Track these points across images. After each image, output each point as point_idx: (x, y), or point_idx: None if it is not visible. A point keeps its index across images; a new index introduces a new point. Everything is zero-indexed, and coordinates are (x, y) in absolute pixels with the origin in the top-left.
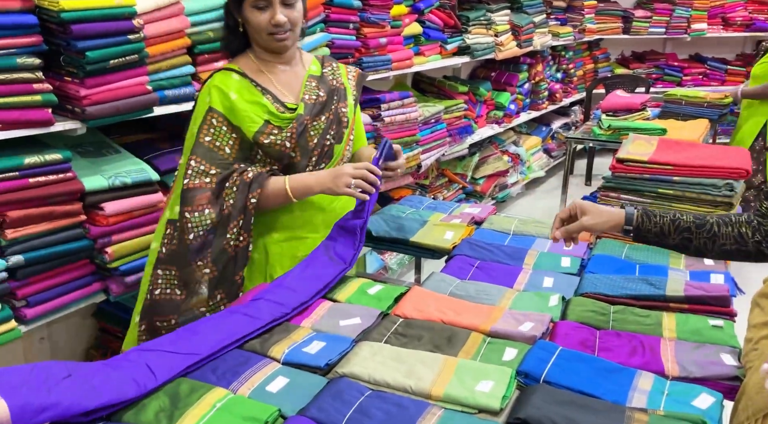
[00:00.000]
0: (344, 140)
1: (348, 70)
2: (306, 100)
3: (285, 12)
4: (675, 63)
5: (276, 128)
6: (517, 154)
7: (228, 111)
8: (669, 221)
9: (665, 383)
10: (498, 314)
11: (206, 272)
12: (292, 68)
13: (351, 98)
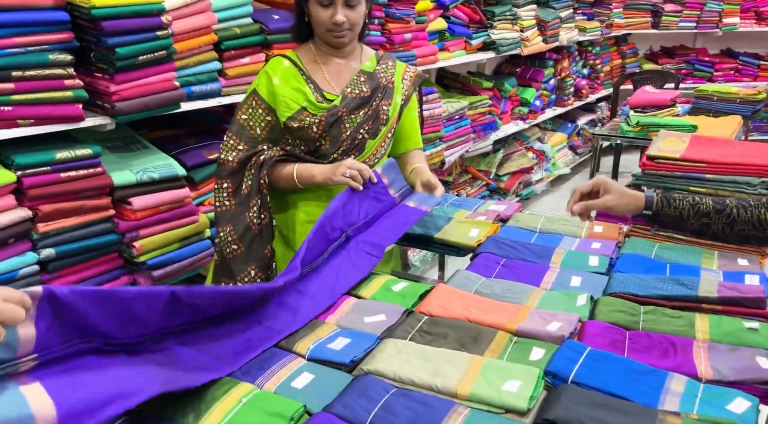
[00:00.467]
0: (380, 136)
1: (406, 70)
2: (347, 94)
3: (346, 12)
4: (705, 58)
5: (310, 115)
6: (542, 151)
7: (269, 94)
8: (688, 205)
9: (698, 386)
10: (525, 313)
11: (234, 248)
12: (348, 62)
13: (398, 97)
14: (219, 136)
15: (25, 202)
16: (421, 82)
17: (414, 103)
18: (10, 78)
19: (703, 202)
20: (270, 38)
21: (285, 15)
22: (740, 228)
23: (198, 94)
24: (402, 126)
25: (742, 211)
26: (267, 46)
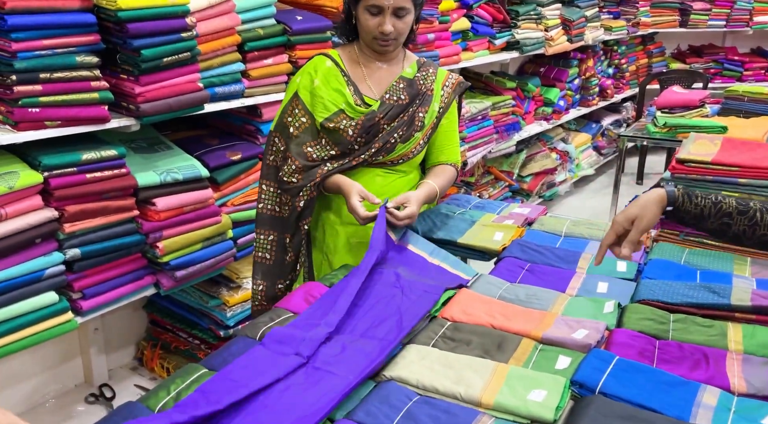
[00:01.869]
0: (411, 141)
1: (448, 77)
2: (386, 99)
3: (394, 22)
4: (735, 57)
5: (347, 118)
6: (565, 152)
7: (308, 96)
8: (710, 203)
9: (732, 400)
10: (550, 320)
11: (265, 256)
12: (389, 67)
13: (436, 105)
14: (242, 137)
15: (52, 202)
16: (464, 90)
17: (453, 113)
18: (38, 80)
19: (726, 202)
20: (293, 39)
21: (308, 16)
22: (762, 232)
23: (221, 96)
24: (437, 137)
25: (766, 214)
26: (290, 47)
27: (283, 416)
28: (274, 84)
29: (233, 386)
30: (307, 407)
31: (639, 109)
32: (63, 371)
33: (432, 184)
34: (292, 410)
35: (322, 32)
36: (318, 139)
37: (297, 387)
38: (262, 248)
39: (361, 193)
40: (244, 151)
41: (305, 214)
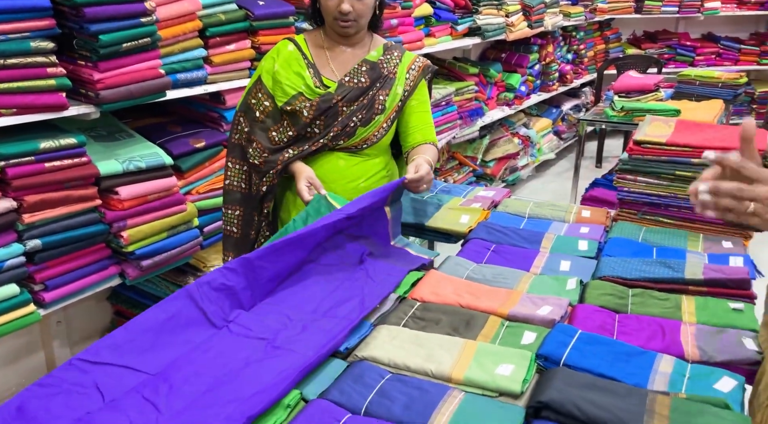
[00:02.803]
0: (373, 125)
1: (415, 61)
2: (344, 82)
3: (353, 2)
4: (688, 43)
5: (304, 100)
6: (527, 137)
7: (270, 80)
8: None
9: (686, 367)
10: (516, 298)
11: (233, 230)
12: (354, 51)
13: (399, 88)
14: (205, 124)
15: (10, 192)
16: (431, 73)
17: (423, 94)
18: None
19: None
20: (256, 24)
21: (270, 1)
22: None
23: (183, 82)
24: (409, 119)
25: None
26: (253, 33)
27: (244, 389)
28: (237, 70)
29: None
30: (267, 381)
31: (597, 94)
32: (25, 366)
33: (426, 158)
34: (253, 384)
35: (284, 17)
36: (281, 122)
37: (257, 364)
38: (229, 223)
39: (309, 179)
40: (208, 138)
41: (267, 197)
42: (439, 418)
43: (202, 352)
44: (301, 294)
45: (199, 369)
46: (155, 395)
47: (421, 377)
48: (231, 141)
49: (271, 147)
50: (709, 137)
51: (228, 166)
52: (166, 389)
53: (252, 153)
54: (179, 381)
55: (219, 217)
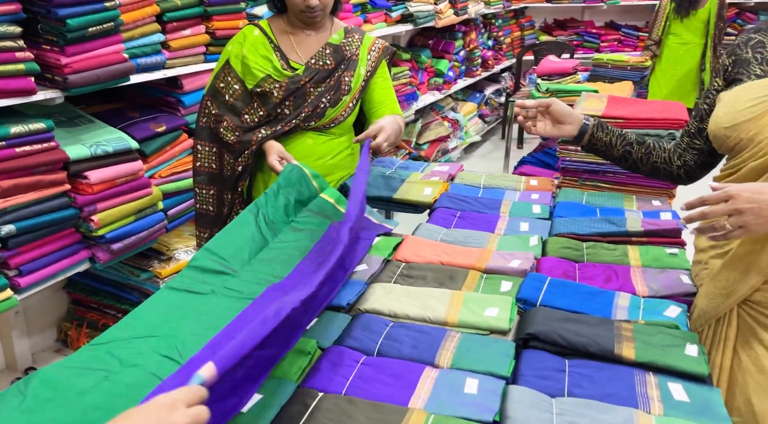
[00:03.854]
0: (341, 105)
1: (374, 43)
2: (311, 64)
3: None
4: (593, 30)
5: (273, 81)
6: (456, 120)
7: (239, 64)
8: (618, 134)
9: (639, 301)
10: (488, 255)
11: (209, 209)
12: (317, 35)
13: (362, 69)
14: (161, 109)
15: None
16: (390, 54)
17: (384, 73)
18: None
19: (629, 134)
20: (210, 10)
21: None
22: (654, 160)
23: (143, 67)
24: (372, 95)
25: (658, 148)
26: (207, 18)
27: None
28: (193, 55)
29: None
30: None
31: (517, 79)
32: None
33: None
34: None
35: (236, 3)
36: (252, 103)
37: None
38: (204, 202)
39: (280, 153)
40: (168, 122)
41: (242, 176)
42: (444, 353)
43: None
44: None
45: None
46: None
47: (420, 323)
48: (199, 124)
49: (242, 126)
50: (638, 110)
51: (197, 149)
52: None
53: (224, 132)
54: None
55: (182, 200)
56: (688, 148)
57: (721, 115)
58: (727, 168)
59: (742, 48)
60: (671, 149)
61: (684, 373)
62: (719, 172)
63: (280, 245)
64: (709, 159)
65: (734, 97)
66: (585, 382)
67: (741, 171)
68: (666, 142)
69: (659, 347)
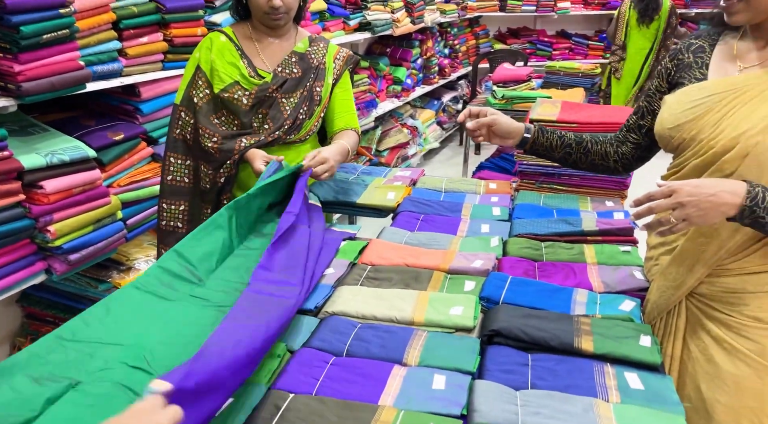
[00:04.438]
0: (314, 116)
1: (339, 51)
2: (278, 73)
3: None
4: (545, 38)
5: (241, 89)
6: (414, 127)
7: (208, 69)
8: (557, 137)
9: (596, 296)
10: (451, 256)
11: (177, 225)
12: (281, 42)
13: (329, 78)
14: (119, 117)
15: None
16: (354, 63)
17: (346, 83)
18: None
19: (567, 136)
20: (167, 17)
21: None
22: (592, 158)
23: (100, 74)
24: (333, 105)
25: (594, 145)
26: (164, 26)
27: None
28: (150, 62)
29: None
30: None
31: (473, 86)
32: None
33: (342, 143)
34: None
35: (194, 11)
36: (222, 110)
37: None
38: (173, 218)
39: (265, 158)
40: (126, 130)
41: (225, 188)
42: (412, 352)
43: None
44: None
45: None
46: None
47: (387, 323)
48: (171, 136)
49: (221, 132)
50: (590, 115)
51: (170, 162)
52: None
53: (204, 141)
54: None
55: (142, 209)
56: (626, 140)
57: (666, 116)
58: (672, 167)
59: (683, 53)
60: (608, 142)
61: (639, 362)
62: (666, 171)
63: (245, 252)
64: (645, 153)
65: (677, 99)
66: (547, 374)
67: (685, 169)
68: (601, 137)
69: (615, 339)
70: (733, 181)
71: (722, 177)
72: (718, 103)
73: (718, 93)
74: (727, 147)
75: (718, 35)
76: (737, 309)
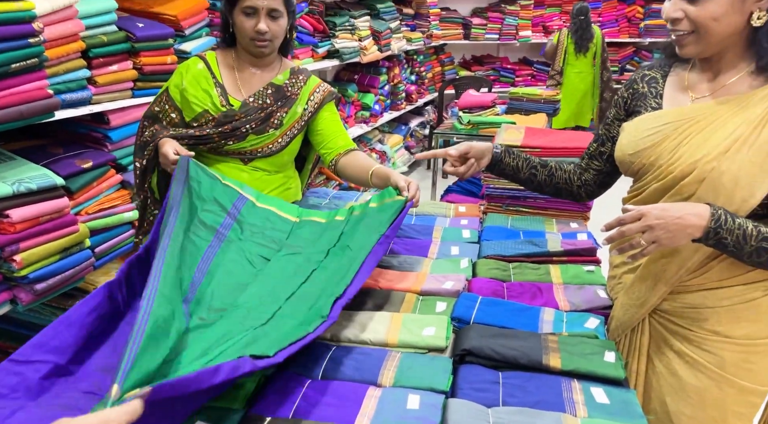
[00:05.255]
0: (266, 136)
1: (319, 85)
2: (249, 102)
3: (268, 23)
4: (508, 66)
5: (209, 116)
6: (383, 152)
7: (178, 94)
8: (523, 159)
9: (562, 315)
10: (423, 278)
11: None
12: (262, 73)
13: (299, 107)
14: (88, 145)
15: None
16: (334, 99)
17: (334, 111)
18: None
19: (533, 159)
20: (137, 46)
21: (149, 23)
22: (556, 181)
23: (69, 103)
24: (325, 128)
25: (559, 170)
26: (134, 54)
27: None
28: (120, 90)
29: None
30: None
31: (440, 111)
32: None
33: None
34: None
35: (164, 39)
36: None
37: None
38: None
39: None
40: (95, 158)
41: (148, 170)
42: (386, 373)
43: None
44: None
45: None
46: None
47: (361, 346)
48: (137, 143)
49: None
50: (553, 140)
51: (136, 166)
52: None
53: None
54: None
55: (110, 236)
56: (589, 168)
57: (625, 143)
58: (633, 190)
59: (638, 83)
60: (572, 170)
61: (604, 378)
62: (627, 194)
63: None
64: (607, 179)
65: (635, 127)
66: (517, 391)
67: (645, 192)
68: (566, 164)
69: (582, 356)
70: (697, 205)
71: (681, 199)
72: (674, 131)
73: (674, 121)
74: (686, 172)
75: (669, 67)
76: (697, 324)
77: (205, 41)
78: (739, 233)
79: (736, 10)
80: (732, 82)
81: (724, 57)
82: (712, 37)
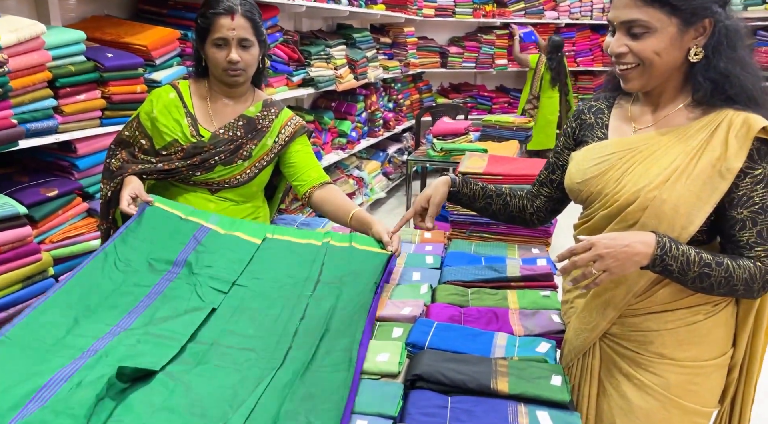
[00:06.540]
0: (235, 167)
1: (291, 119)
2: (220, 134)
3: (240, 53)
4: (485, 93)
5: (180, 145)
6: (360, 178)
7: (148, 122)
8: (479, 188)
9: (515, 339)
10: (382, 304)
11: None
12: (235, 104)
13: (269, 140)
14: (54, 173)
15: None
16: (305, 132)
17: (306, 144)
18: None
19: (489, 188)
20: (106, 76)
21: (118, 53)
22: (510, 209)
23: (34, 132)
24: (297, 160)
25: (513, 198)
26: (103, 84)
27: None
28: (88, 119)
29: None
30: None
31: (417, 138)
32: None
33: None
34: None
35: (133, 69)
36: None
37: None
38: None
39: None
40: (60, 186)
41: (112, 203)
42: None
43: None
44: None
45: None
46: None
47: None
48: (105, 166)
49: (134, 160)
50: (514, 168)
51: (101, 188)
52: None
53: (114, 162)
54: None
55: (75, 264)
56: (540, 194)
57: (573, 172)
58: (583, 217)
59: (585, 114)
60: (524, 196)
61: (550, 401)
62: (577, 220)
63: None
64: (557, 206)
65: (582, 156)
66: (464, 415)
67: (594, 219)
68: (519, 191)
69: (529, 380)
70: (643, 233)
71: (627, 226)
72: (619, 160)
73: (618, 151)
74: (630, 200)
75: (614, 99)
76: (644, 347)
77: (176, 70)
78: (683, 260)
79: (675, 47)
80: (672, 114)
81: (665, 90)
82: (656, 71)
